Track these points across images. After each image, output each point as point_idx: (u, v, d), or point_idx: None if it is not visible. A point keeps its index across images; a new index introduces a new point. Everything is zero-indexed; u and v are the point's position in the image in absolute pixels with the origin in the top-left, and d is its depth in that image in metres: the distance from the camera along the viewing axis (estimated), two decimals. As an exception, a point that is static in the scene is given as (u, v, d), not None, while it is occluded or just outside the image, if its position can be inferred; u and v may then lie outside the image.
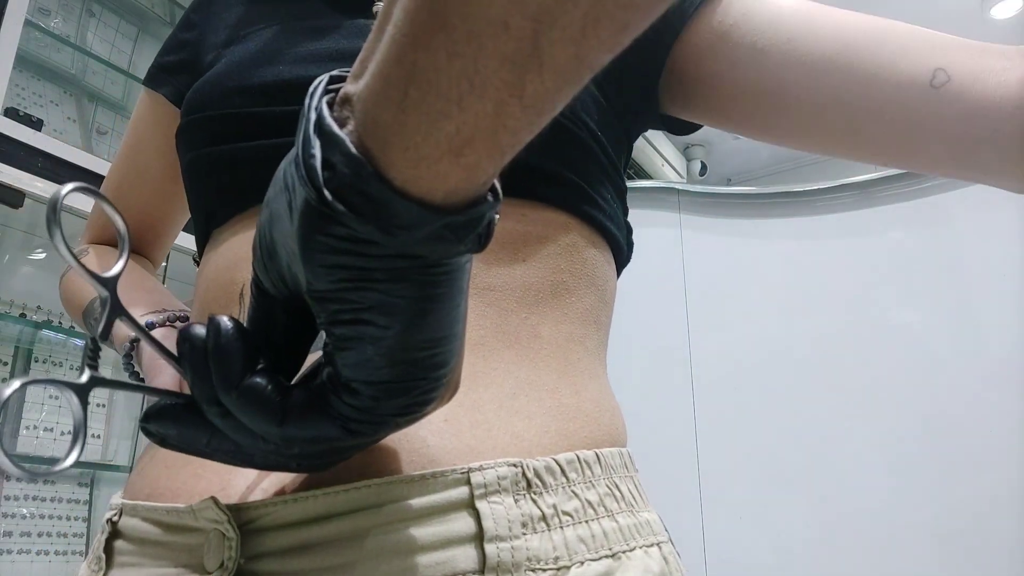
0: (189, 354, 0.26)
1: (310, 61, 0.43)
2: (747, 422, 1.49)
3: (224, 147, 0.43)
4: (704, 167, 3.65)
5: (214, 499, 0.31)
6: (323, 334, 0.25)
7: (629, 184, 0.50)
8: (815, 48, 0.41)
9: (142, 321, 0.49)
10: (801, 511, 1.40)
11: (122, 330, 0.51)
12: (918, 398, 1.35)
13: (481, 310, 0.38)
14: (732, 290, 1.60)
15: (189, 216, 0.70)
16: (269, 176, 0.42)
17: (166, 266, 2.34)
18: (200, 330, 0.26)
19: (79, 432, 0.25)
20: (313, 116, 0.22)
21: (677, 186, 1.72)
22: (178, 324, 0.50)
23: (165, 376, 0.44)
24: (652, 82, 0.48)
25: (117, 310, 0.28)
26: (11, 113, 1.74)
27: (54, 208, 0.24)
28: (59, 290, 0.64)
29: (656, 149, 3.03)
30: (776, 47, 0.42)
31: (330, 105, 0.22)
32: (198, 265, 0.50)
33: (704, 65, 0.45)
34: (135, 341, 0.48)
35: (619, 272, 0.50)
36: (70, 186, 0.25)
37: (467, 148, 0.20)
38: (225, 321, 0.26)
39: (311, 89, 0.23)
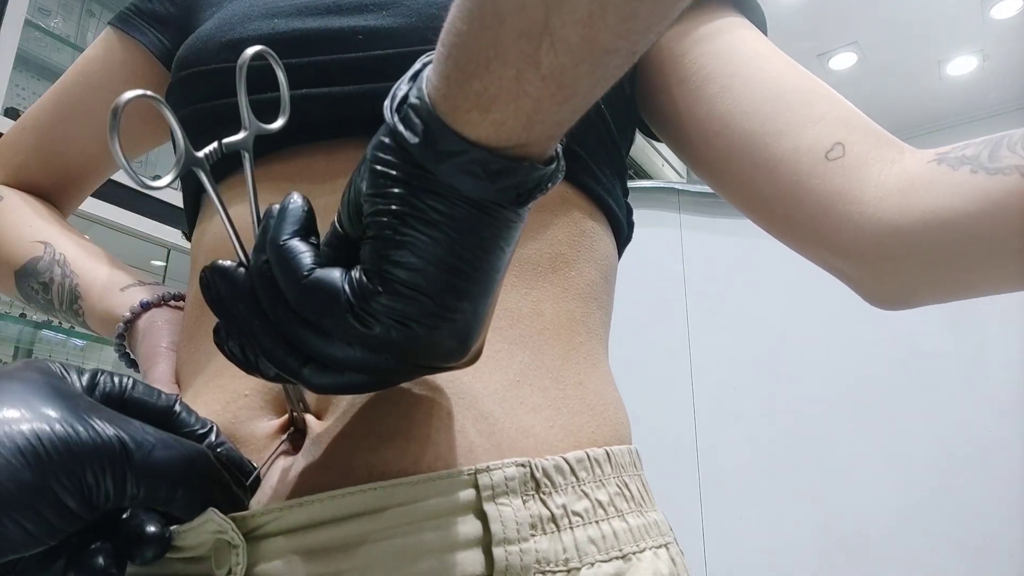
0: (265, 216, 0.29)
1: (307, 14, 0.41)
2: (747, 422, 1.49)
3: (216, 103, 0.41)
4: (704, 167, 3.64)
5: (214, 510, 0.31)
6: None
7: (629, 184, 0.50)
8: (749, 90, 0.42)
9: (136, 297, 0.47)
10: (801, 511, 1.40)
11: (106, 310, 0.48)
12: (918, 397, 1.35)
13: None
14: (732, 290, 1.60)
15: (112, 174, 0.61)
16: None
17: (166, 266, 2.33)
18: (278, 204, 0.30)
19: (179, 159, 0.29)
20: (418, 66, 0.27)
21: (677, 186, 1.72)
22: (173, 303, 0.48)
23: (163, 365, 0.43)
24: (632, 77, 0.48)
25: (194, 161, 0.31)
26: (11, 113, 1.74)
27: (115, 114, 0.26)
28: None
29: (656, 149, 3.03)
30: (719, 77, 0.43)
31: None
32: (189, 239, 0.48)
33: (661, 76, 0.46)
34: (128, 322, 0.46)
35: (620, 252, 0.49)
36: (133, 93, 0.27)
37: (492, 106, 0.24)
38: (299, 198, 0.29)
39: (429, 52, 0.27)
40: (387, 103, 0.27)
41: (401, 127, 0.25)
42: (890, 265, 0.37)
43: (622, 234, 0.48)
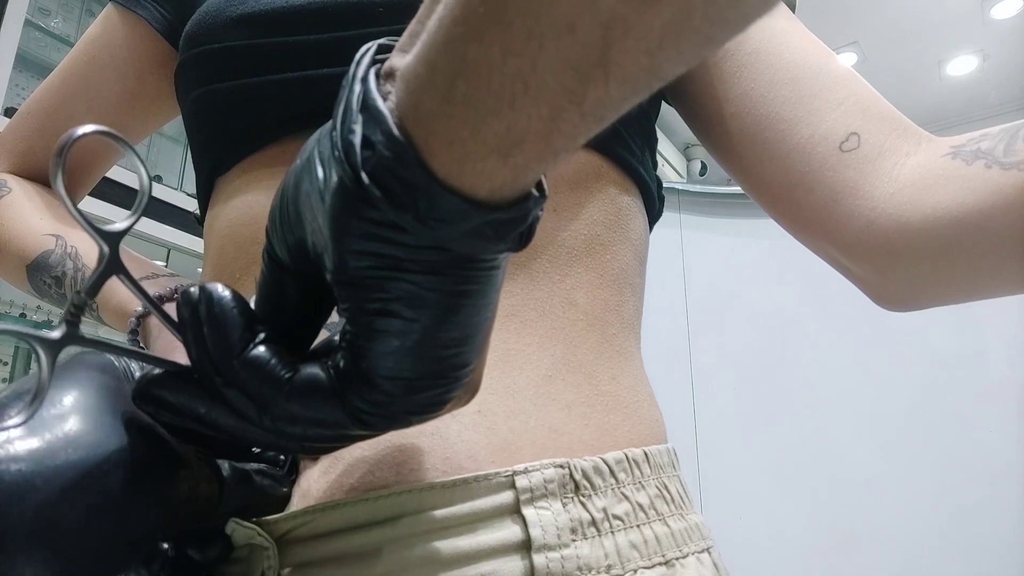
0: (190, 320, 0.24)
1: None
2: (747, 422, 1.49)
3: (228, 83, 0.39)
4: (704, 167, 3.64)
5: (235, 520, 0.30)
6: (336, 313, 0.24)
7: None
8: (769, 71, 0.40)
9: (149, 290, 0.45)
10: (801, 511, 1.40)
11: (120, 303, 0.46)
12: (918, 397, 1.35)
13: (510, 273, 0.35)
14: (732, 290, 1.59)
15: (122, 158, 0.59)
16: (276, 114, 0.39)
17: (166, 266, 2.33)
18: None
19: (40, 392, 0.23)
20: (358, 88, 0.20)
21: (677, 186, 1.72)
22: None
23: (183, 362, 0.42)
24: None
25: (115, 267, 0.24)
26: (11, 113, 1.74)
27: (60, 152, 0.21)
28: None
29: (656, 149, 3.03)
30: (738, 55, 0.41)
31: (376, 76, 0.20)
32: (200, 224, 0.46)
33: None
34: (142, 316, 0.43)
35: (651, 228, 0.47)
36: (86, 128, 0.22)
37: (516, 149, 0.18)
38: (219, 289, 0.24)
39: (358, 57, 0.21)
40: (336, 150, 0.20)
41: (377, 192, 0.19)
42: (898, 263, 0.35)
43: (653, 209, 0.46)
